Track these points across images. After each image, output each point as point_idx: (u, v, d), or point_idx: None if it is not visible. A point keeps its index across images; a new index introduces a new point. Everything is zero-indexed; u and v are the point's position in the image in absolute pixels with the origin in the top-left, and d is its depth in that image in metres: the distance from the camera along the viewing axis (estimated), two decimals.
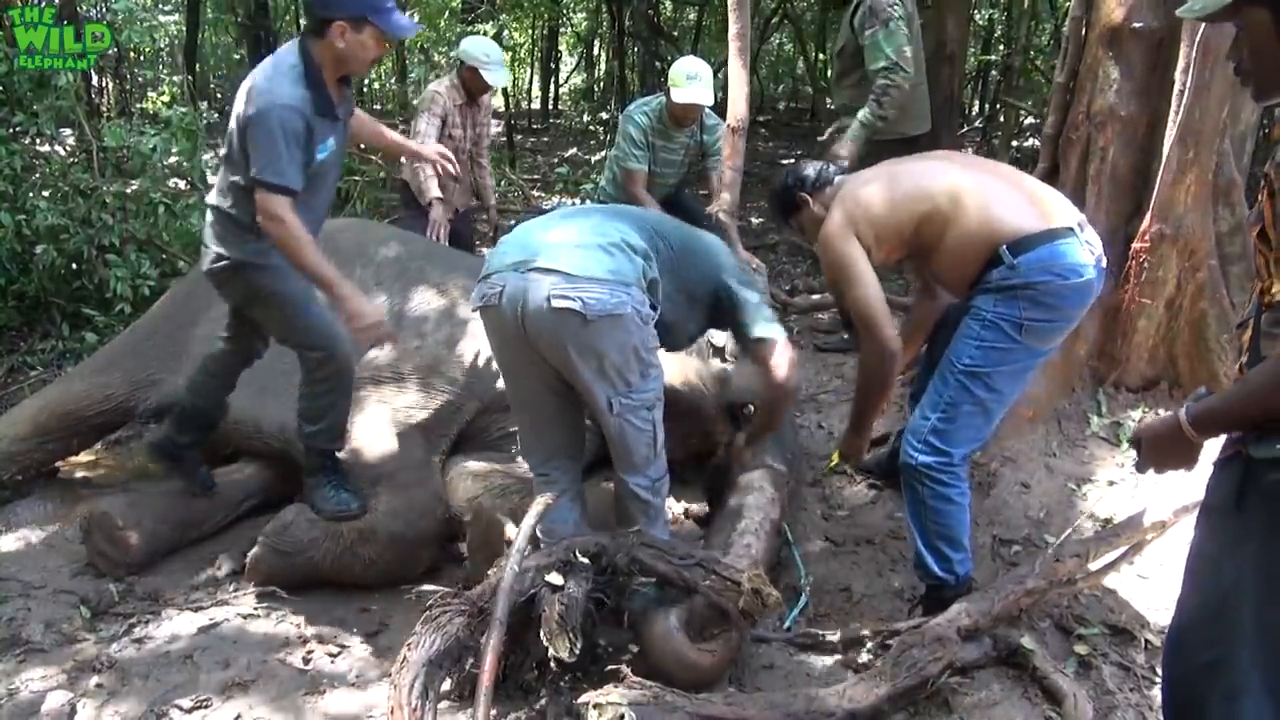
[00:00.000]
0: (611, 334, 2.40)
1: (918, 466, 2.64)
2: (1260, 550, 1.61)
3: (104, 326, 4.97)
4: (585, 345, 2.41)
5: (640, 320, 2.45)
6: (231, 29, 17.60)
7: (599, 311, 2.36)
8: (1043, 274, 2.51)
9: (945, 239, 2.64)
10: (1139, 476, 3.41)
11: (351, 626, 2.88)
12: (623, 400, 2.49)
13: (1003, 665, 2.56)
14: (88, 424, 3.66)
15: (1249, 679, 1.68)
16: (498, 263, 2.53)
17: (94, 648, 2.76)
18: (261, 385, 3.51)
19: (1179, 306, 3.71)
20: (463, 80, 4.76)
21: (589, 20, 18.71)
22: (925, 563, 2.70)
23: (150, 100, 10.43)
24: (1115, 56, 3.63)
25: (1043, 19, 12.19)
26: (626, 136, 4.48)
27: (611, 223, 2.59)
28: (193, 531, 3.32)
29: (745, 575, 2.41)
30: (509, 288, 2.44)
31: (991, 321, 2.57)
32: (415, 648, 2.18)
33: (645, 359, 2.50)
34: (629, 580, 2.40)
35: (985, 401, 2.62)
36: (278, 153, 2.65)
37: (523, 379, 2.66)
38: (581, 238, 2.49)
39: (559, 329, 2.40)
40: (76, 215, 5.11)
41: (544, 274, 2.40)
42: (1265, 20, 1.53)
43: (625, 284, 2.42)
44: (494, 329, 2.59)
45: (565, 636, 2.21)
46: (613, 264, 2.43)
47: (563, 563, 2.37)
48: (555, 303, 2.35)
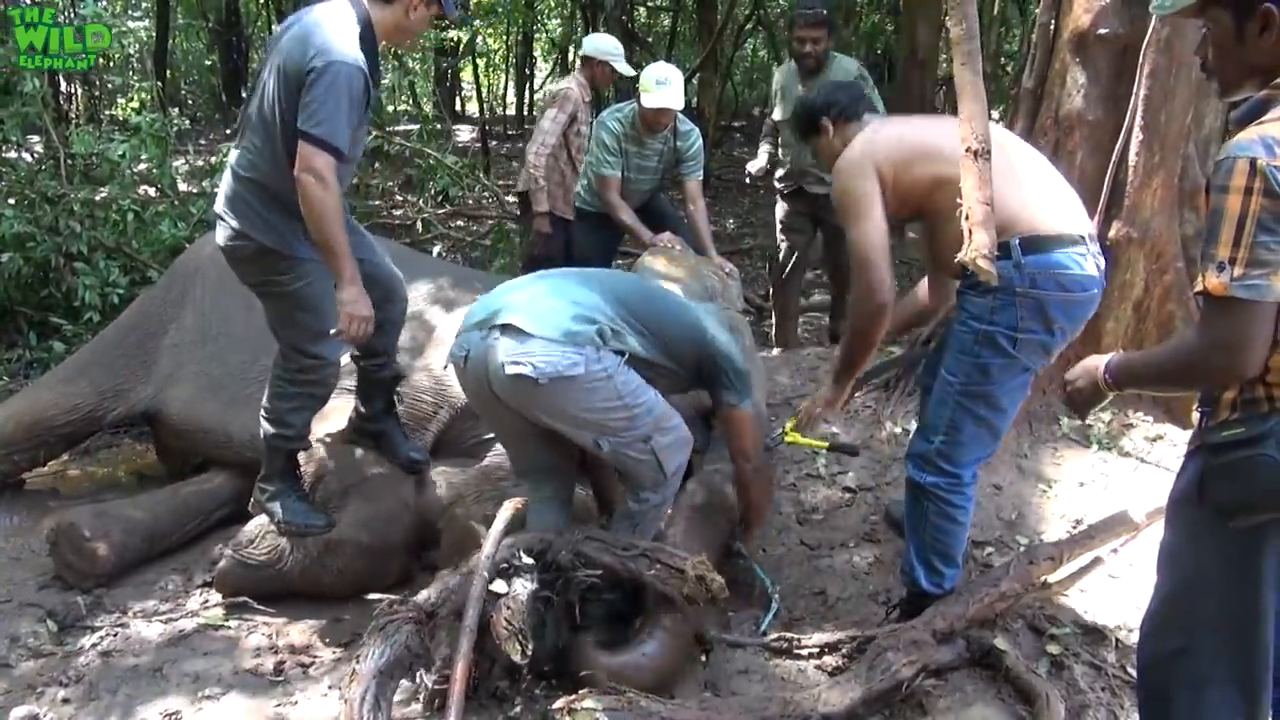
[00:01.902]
0: (569, 394, 2.39)
1: (925, 486, 2.57)
2: (1224, 537, 1.65)
3: (72, 336, 4.91)
4: (547, 407, 2.43)
5: (599, 377, 2.40)
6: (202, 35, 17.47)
7: (550, 374, 2.34)
8: (1047, 282, 2.36)
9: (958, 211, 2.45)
10: (1109, 478, 3.44)
11: (324, 636, 2.86)
12: (611, 440, 2.49)
13: (976, 666, 2.57)
14: (55, 434, 3.62)
15: (1215, 668, 1.72)
16: (467, 322, 2.54)
17: (60, 661, 2.72)
18: (231, 395, 3.48)
19: (1147, 309, 3.75)
20: (589, 77, 4.75)
21: (564, 26, 18.71)
22: (914, 573, 2.65)
23: (120, 106, 10.33)
24: (1082, 62, 3.66)
25: (1012, 25, 12.33)
26: (600, 143, 4.48)
27: (580, 289, 2.56)
28: (162, 542, 3.28)
29: (689, 563, 2.41)
30: (473, 352, 2.45)
31: (985, 335, 2.43)
32: (364, 659, 2.15)
33: (624, 404, 2.46)
34: (575, 574, 2.39)
35: (988, 419, 2.51)
36: (339, 110, 2.53)
37: (504, 423, 2.67)
38: (547, 299, 2.48)
39: (518, 394, 2.41)
40: (44, 223, 5.05)
41: (500, 335, 2.40)
42: (1227, 20, 1.60)
43: (578, 345, 2.39)
44: (465, 388, 2.61)
45: (515, 639, 2.20)
46: (570, 326, 2.41)
47: (507, 564, 2.36)
48: (509, 369, 2.35)
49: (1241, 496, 1.59)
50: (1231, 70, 1.65)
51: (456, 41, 11.56)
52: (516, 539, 2.47)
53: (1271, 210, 1.46)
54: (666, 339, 2.63)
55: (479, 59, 17.39)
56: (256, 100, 2.71)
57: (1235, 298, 1.48)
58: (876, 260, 2.48)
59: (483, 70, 19.20)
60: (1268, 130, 1.50)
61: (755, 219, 8.90)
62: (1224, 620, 1.69)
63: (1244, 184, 1.47)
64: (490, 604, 2.27)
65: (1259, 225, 1.46)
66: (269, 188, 2.68)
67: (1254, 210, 1.46)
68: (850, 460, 3.63)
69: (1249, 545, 1.64)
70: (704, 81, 11.05)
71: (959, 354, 2.51)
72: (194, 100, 17.17)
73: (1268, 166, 1.45)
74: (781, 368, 4.54)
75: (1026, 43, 6.77)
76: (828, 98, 2.77)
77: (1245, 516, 1.60)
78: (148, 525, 3.24)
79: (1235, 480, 1.59)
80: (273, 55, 2.68)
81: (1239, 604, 1.68)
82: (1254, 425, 1.57)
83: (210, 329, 3.65)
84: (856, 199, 2.50)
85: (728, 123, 15.79)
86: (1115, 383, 1.77)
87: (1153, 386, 1.76)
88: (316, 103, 2.52)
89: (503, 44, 19.43)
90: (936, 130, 2.59)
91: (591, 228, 4.77)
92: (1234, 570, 1.66)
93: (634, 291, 2.71)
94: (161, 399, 3.61)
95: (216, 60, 16.42)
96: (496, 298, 2.57)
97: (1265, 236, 1.46)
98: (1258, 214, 1.46)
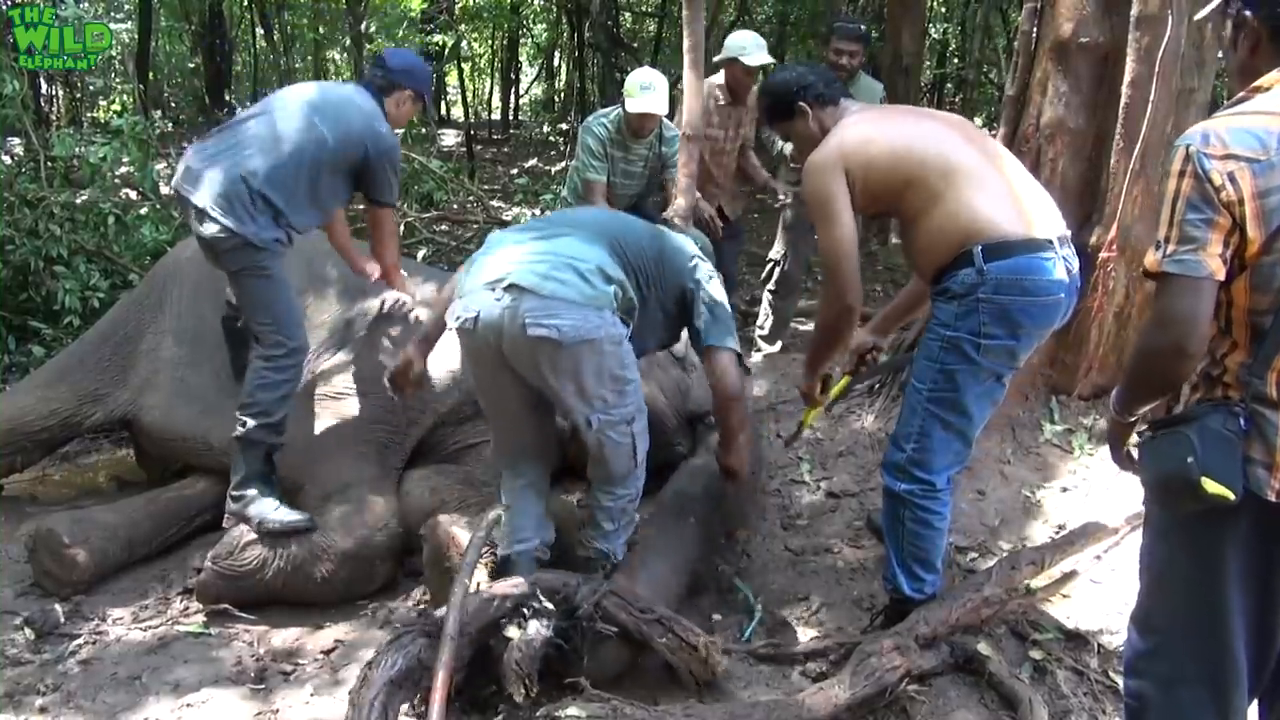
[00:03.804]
0: (587, 358, 2.44)
1: (899, 493, 2.58)
2: (1184, 536, 1.70)
3: (51, 339, 4.86)
4: (561, 369, 2.45)
5: (613, 342, 2.48)
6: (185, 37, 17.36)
7: (573, 337, 2.39)
8: (1010, 288, 2.37)
9: (927, 214, 2.47)
10: (1092, 484, 3.46)
11: (306, 644, 2.83)
12: (600, 417, 2.53)
13: (959, 671, 2.57)
14: (33, 440, 3.58)
15: (1184, 667, 1.75)
16: (472, 282, 2.53)
17: (38, 670, 2.69)
18: (209, 401, 3.46)
19: (1128, 316, 3.78)
20: (728, 78, 4.72)
21: (549, 31, 18.72)
22: (896, 579, 2.65)
23: (101, 109, 10.26)
24: (1064, 70, 3.69)
25: (995, 33, 12.41)
26: (585, 148, 4.49)
27: (589, 247, 2.57)
28: (142, 549, 3.25)
29: (702, 640, 2.44)
30: (484, 313, 2.45)
31: (950, 342, 2.45)
32: (377, 667, 2.17)
33: (620, 376, 2.53)
34: (590, 626, 2.39)
35: (956, 425, 2.51)
36: (396, 183, 3.29)
37: (497, 394, 2.67)
38: (557, 259, 2.49)
39: (535, 353, 2.43)
40: (23, 226, 5.00)
41: (519, 296, 2.41)
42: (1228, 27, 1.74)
43: (598, 308, 2.44)
44: (469, 349, 2.61)
45: (521, 682, 2.24)
46: (587, 289, 2.45)
47: (527, 602, 2.36)
48: (531, 330, 2.37)
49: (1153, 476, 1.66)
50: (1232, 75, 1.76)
51: (442, 46, 11.55)
52: (540, 576, 2.48)
53: (1197, 191, 1.56)
54: (660, 282, 2.71)
55: (464, 63, 17.36)
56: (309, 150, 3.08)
57: (1167, 273, 1.59)
58: (844, 265, 2.50)
59: (468, 75, 19.19)
60: (1213, 123, 1.61)
61: (743, 225, 8.91)
62: (1190, 619, 1.73)
63: (1179, 168, 1.59)
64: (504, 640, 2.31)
65: (1188, 204, 1.57)
66: (268, 197, 2.99)
67: (1184, 191, 1.58)
68: (834, 465, 3.64)
69: (1209, 542, 1.67)
70: None
71: (926, 361, 2.53)
72: (176, 103, 17.07)
73: (1197, 153, 1.57)
74: (766, 372, 4.55)
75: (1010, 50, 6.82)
76: (800, 79, 2.67)
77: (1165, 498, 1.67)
78: (127, 531, 3.20)
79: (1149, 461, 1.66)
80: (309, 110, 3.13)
81: (1203, 602, 1.70)
82: (1193, 411, 1.65)
83: (188, 334, 3.63)
84: (824, 202, 2.49)
85: None
86: (1120, 409, 1.81)
87: (1138, 394, 1.77)
88: (385, 181, 3.24)
89: (488, 49, 19.43)
90: (912, 129, 2.58)
91: None
92: (1197, 567, 1.69)
93: (630, 235, 2.73)
94: (140, 404, 3.58)
95: (200, 63, 16.32)
96: (504, 254, 2.55)
97: (1192, 214, 1.57)
98: (1187, 194, 1.58)
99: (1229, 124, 1.58)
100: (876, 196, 2.53)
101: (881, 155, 2.50)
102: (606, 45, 11.09)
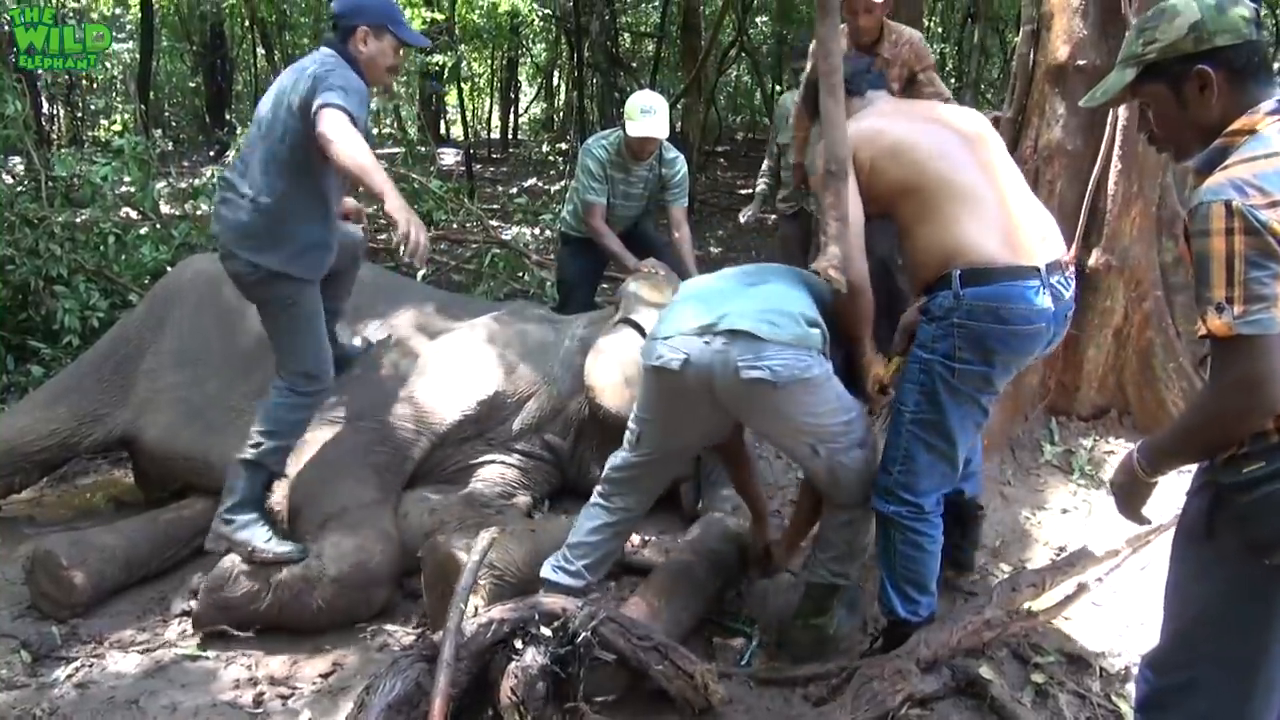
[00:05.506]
0: (800, 397, 2.45)
1: (889, 516, 2.58)
2: (1235, 574, 1.64)
3: (51, 359, 4.85)
4: (776, 411, 2.48)
5: (824, 378, 2.48)
6: (186, 57, 17.47)
7: (787, 377, 2.40)
8: (984, 315, 2.39)
9: (918, 227, 2.52)
10: (1092, 505, 3.46)
11: (304, 667, 2.82)
12: (829, 445, 2.52)
13: (961, 695, 2.56)
14: (32, 460, 3.57)
15: (1219, 704, 1.70)
16: (677, 324, 2.53)
17: (35, 693, 2.67)
18: (210, 421, 3.45)
19: (1127, 336, 3.79)
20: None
21: (548, 51, 18.85)
22: (891, 602, 2.65)
23: (102, 128, 10.30)
24: (1061, 93, 3.72)
25: (992, 54, 12.50)
26: (585, 170, 4.50)
27: (795, 291, 2.61)
28: (140, 570, 3.23)
29: (698, 669, 2.42)
30: (694, 355, 2.45)
31: (927, 363, 2.48)
32: (374, 692, 2.16)
33: (839, 407, 2.52)
34: (588, 653, 2.37)
35: (940, 448, 2.53)
36: (351, 94, 2.73)
37: (675, 432, 2.68)
38: (768, 304, 2.51)
39: (751, 396, 2.45)
40: (24, 245, 5.00)
41: (730, 340, 2.42)
42: (1164, 92, 1.70)
43: (808, 348, 2.46)
44: (666, 388, 2.58)
45: (516, 710, 2.23)
46: (799, 330, 2.46)
47: (524, 628, 2.36)
48: (745, 374, 2.39)
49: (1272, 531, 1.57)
50: (1183, 135, 1.72)
51: (441, 66, 11.61)
52: (538, 601, 2.47)
53: (1256, 247, 1.49)
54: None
55: (463, 83, 17.45)
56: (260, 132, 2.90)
57: (1242, 335, 1.50)
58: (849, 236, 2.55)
59: (467, 94, 19.28)
60: (1235, 173, 1.54)
61: (738, 244, 8.94)
62: (1231, 657, 1.68)
63: (1224, 226, 1.51)
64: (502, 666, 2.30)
65: (1248, 263, 1.50)
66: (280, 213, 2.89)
67: (1239, 250, 1.50)
68: None
69: (1261, 584, 1.62)
70: (688, 107, 11.14)
71: (908, 383, 2.56)
72: (177, 122, 17.15)
73: (1243, 206, 1.50)
74: None
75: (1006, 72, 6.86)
76: None
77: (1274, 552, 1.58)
78: (125, 553, 3.18)
79: (1272, 516, 1.57)
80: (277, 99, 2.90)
81: (1247, 642, 1.66)
82: (1274, 459, 1.57)
83: (189, 354, 3.62)
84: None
85: (711, 147, 15.92)
86: (1150, 467, 1.73)
87: (1185, 453, 1.70)
88: (331, 87, 2.72)
89: (487, 68, 19.54)
90: (923, 134, 2.61)
91: (576, 253, 4.79)
92: (1244, 608, 1.65)
93: (818, 284, 2.75)
94: (140, 425, 3.57)
95: (201, 82, 16.42)
96: (712, 298, 2.57)
97: (1256, 272, 1.49)
98: (1244, 252, 1.50)
99: (1253, 170, 1.54)
100: (872, 195, 2.58)
101: (883, 152, 2.56)
102: (605, 65, 11.14)
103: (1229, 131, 1.63)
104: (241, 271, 2.95)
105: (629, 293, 3.73)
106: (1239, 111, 1.63)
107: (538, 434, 3.56)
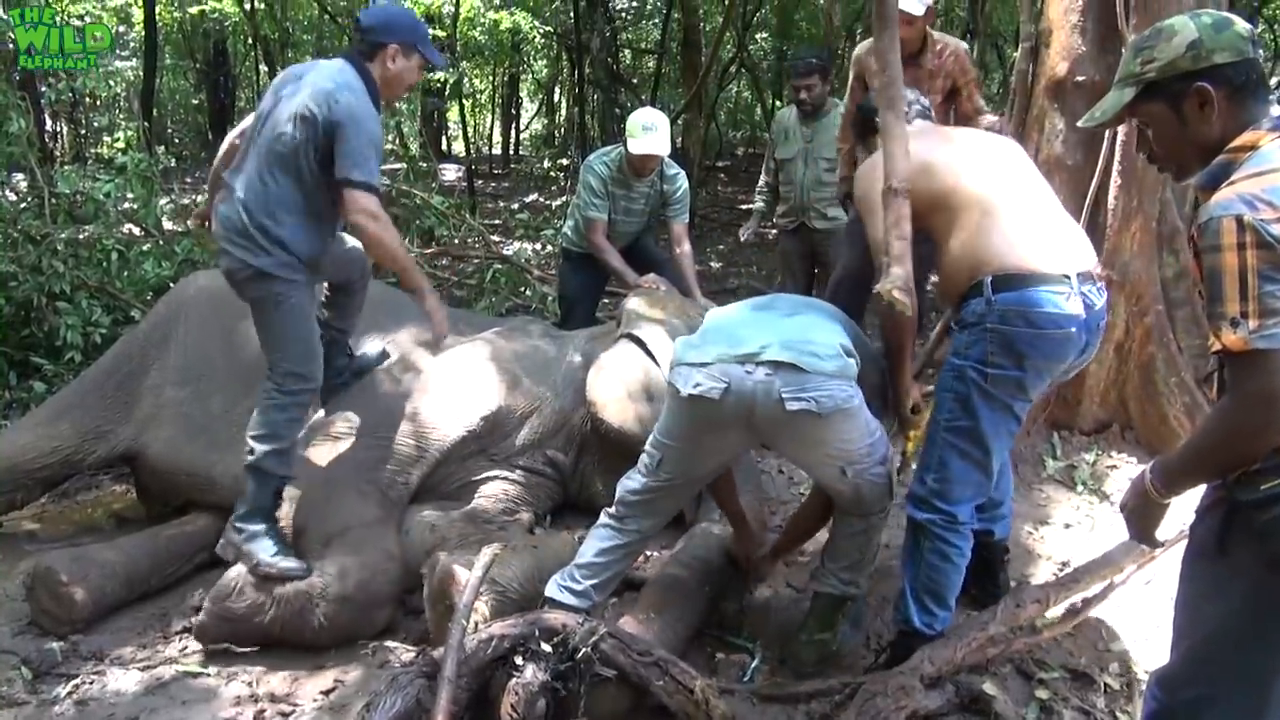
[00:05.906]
0: (839, 426, 2.48)
1: (921, 522, 2.60)
2: (1251, 590, 1.63)
3: (53, 376, 4.85)
4: (815, 438, 2.51)
5: (858, 407, 2.51)
6: (189, 74, 17.57)
7: (830, 407, 2.43)
8: (1015, 319, 2.43)
9: (950, 239, 2.59)
10: (1095, 520, 3.45)
11: (305, 684, 2.80)
12: (855, 467, 2.55)
13: (965, 712, 2.55)
14: (34, 477, 3.56)
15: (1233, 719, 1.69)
16: (717, 351, 2.53)
17: (35, 710, 2.66)
18: (214, 437, 3.45)
19: (1128, 350, 3.79)
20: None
21: (549, 68, 18.94)
22: (908, 610, 2.64)
23: (106, 145, 10.34)
24: (1060, 108, 3.74)
25: (991, 69, 12.56)
26: (586, 186, 4.52)
27: (830, 324, 2.65)
28: (141, 586, 3.22)
29: (698, 684, 2.41)
30: (735, 384, 2.45)
31: (960, 370, 2.52)
32: (375, 709, 2.15)
33: (870, 430, 2.57)
34: (588, 669, 2.37)
35: (974, 455, 2.55)
36: (370, 156, 2.83)
37: (704, 458, 2.68)
38: (805, 336, 2.53)
39: (792, 426, 2.47)
40: (26, 262, 5.01)
41: (774, 371, 2.44)
42: (1163, 111, 1.70)
43: (848, 378, 2.49)
44: (700, 416, 2.56)
45: None
46: (839, 361, 2.49)
47: (524, 644, 2.35)
48: (790, 405, 2.41)
49: None
50: (1183, 153, 1.72)
51: (443, 82, 11.67)
52: (538, 617, 2.46)
53: (1269, 260, 1.49)
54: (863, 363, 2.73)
55: (465, 99, 17.54)
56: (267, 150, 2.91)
57: (1258, 349, 1.50)
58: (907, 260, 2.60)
59: (469, 110, 19.37)
60: (1243, 188, 1.54)
61: (740, 259, 8.97)
62: (1245, 673, 1.68)
63: (1235, 240, 1.51)
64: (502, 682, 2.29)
65: (1261, 277, 1.50)
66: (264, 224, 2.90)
67: (1252, 264, 1.50)
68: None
69: (1277, 600, 1.62)
70: (689, 123, 11.18)
71: (942, 391, 2.59)
72: (180, 139, 17.23)
73: (1254, 220, 1.50)
74: None
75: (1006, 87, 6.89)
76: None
77: None
78: (126, 569, 3.18)
79: None
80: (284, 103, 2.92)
81: (1262, 658, 1.66)
82: None
83: (193, 370, 3.62)
84: (867, 203, 2.73)
85: (712, 163, 15.97)
86: (1164, 487, 1.71)
87: (1200, 472, 1.69)
88: (351, 153, 2.80)
89: (489, 84, 19.62)
90: (953, 153, 2.70)
91: (578, 268, 4.80)
92: (1260, 624, 1.64)
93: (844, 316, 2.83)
94: (143, 441, 3.56)
95: (204, 99, 16.50)
96: (751, 332, 2.57)
97: (1270, 286, 1.49)
98: (1257, 267, 1.50)
99: (1260, 185, 1.54)
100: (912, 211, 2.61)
101: (920, 168, 2.61)
102: (606, 81, 11.19)
103: (1231, 148, 1.63)
104: (234, 268, 2.97)
105: (630, 308, 3.74)
106: (1239, 129, 1.64)
107: (540, 449, 3.55)
